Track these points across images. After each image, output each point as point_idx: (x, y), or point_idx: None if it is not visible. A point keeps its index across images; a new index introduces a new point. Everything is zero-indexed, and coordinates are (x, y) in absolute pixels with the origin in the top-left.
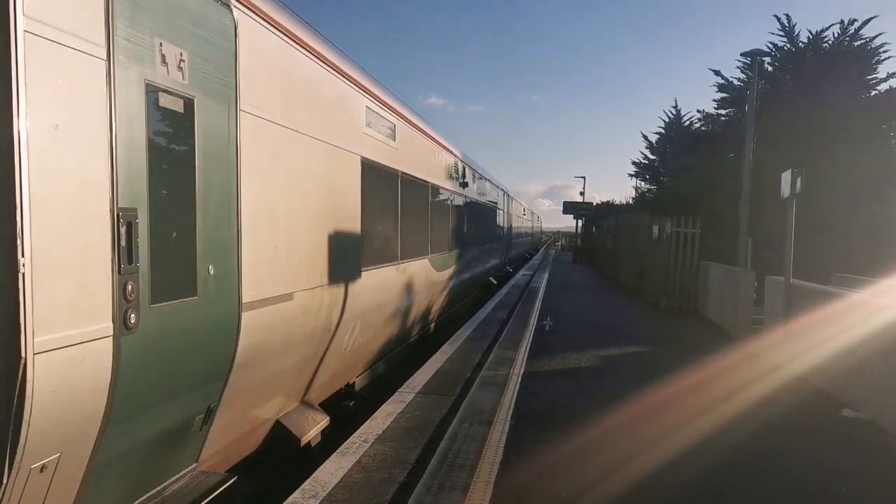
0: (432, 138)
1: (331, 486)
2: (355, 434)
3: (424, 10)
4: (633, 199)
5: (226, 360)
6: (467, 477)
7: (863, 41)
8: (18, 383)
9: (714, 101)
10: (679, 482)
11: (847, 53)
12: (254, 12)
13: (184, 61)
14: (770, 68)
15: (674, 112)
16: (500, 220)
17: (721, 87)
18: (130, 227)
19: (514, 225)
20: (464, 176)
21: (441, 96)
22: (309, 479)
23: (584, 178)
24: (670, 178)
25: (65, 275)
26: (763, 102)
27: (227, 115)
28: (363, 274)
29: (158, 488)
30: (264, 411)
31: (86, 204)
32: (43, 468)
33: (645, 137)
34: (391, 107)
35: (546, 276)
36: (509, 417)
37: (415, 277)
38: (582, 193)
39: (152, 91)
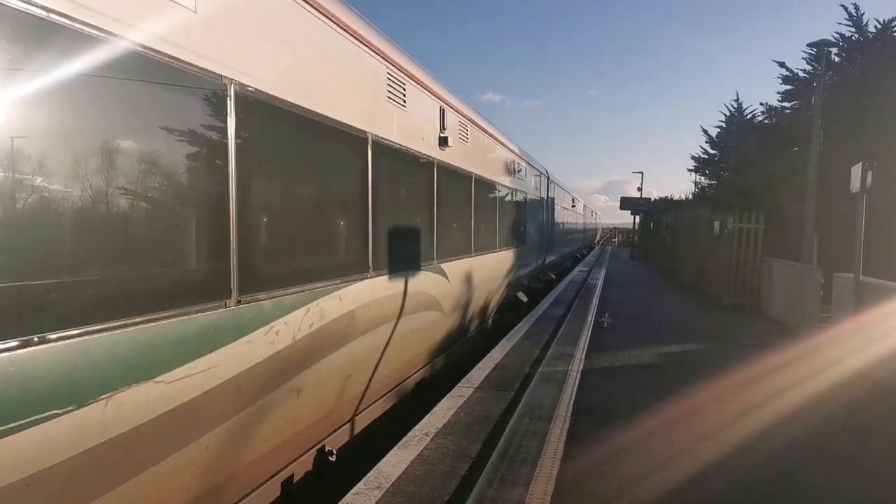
0: (572, 195)
1: (394, 477)
2: (416, 427)
3: (479, 6)
4: (692, 194)
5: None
6: (529, 471)
7: None
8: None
9: (778, 93)
10: (740, 479)
11: None
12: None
13: (535, 186)
14: (837, 59)
15: (735, 105)
16: (584, 221)
17: (785, 79)
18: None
19: (588, 222)
20: (573, 202)
21: (498, 92)
22: (372, 471)
23: (641, 173)
24: (731, 172)
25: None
26: (830, 94)
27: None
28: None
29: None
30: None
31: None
32: None
33: (705, 132)
34: (569, 192)
35: (603, 272)
36: (569, 413)
37: (571, 243)
38: (640, 189)
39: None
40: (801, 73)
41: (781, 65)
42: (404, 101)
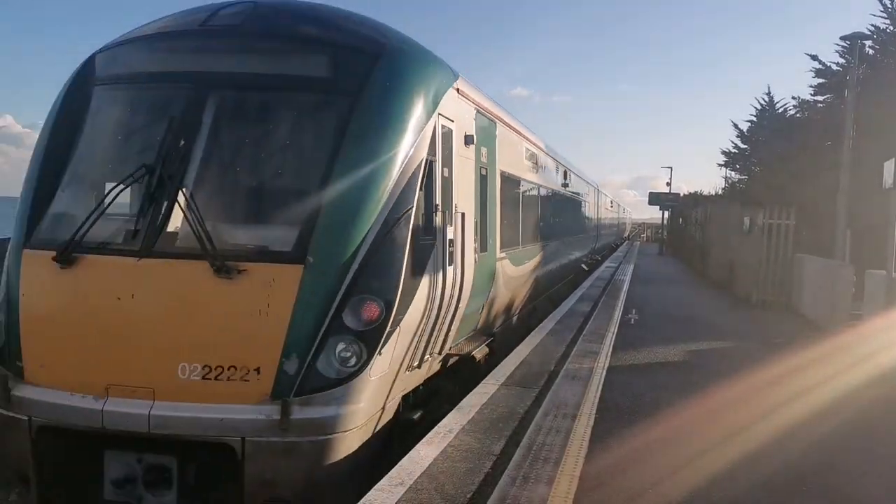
0: (610, 198)
1: (416, 474)
2: (440, 424)
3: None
4: (722, 189)
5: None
6: (552, 470)
7: None
8: None
9: (810, 87)
10: (765, 478)
11: None
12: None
13: (592, 196)
14: (871, 52)
15: (766, 99)
16: (617, 216)
17: (818, 73)
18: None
19: (620, 217)
20: (611, 203)
21: (526, 86)
22: (395, 468)
23: (670, 168)
24: (762, 167)
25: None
26: (864, 87)
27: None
28: (599, 236)
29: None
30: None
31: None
32: None
33: (735, 126)
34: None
35: (631, 268)
36: (594, 411)
37: (609, 235)
38: (668, 184)
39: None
40: (834, 67)
41: (814, 58)
42: (567, 180)
